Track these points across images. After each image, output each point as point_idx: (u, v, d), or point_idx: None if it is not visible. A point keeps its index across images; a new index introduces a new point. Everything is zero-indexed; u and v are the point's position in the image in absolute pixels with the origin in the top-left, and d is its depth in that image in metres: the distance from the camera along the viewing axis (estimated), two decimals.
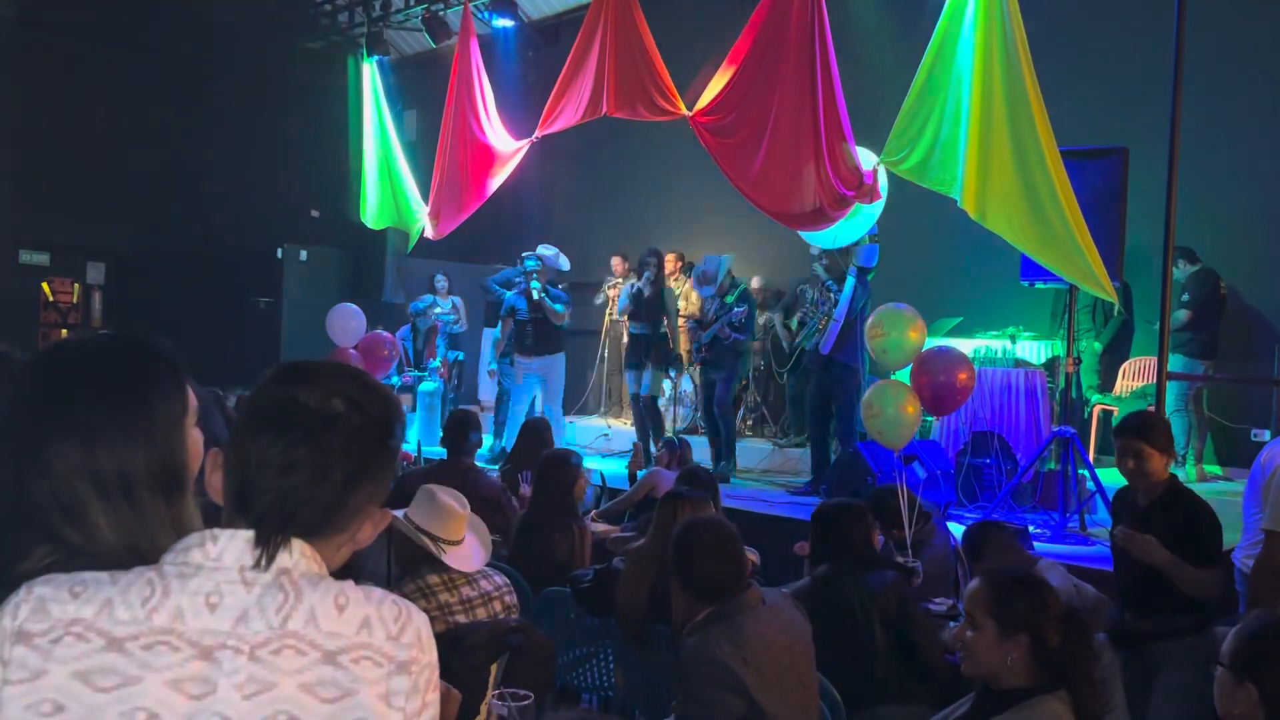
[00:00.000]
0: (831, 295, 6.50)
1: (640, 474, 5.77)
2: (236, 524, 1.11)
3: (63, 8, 11.07)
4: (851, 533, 3.44)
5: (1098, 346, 7.39)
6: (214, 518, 1.16)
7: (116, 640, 1.04)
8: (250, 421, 1.14)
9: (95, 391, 1.28)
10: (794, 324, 7.52)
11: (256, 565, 1.09)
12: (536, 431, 5.68)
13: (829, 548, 3.44)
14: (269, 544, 1.09)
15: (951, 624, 3.32)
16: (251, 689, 1.05)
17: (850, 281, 6.38)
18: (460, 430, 4.92)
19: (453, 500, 3.08)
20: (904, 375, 5.72)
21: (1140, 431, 3.41)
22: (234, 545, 1.10)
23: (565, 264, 8.73)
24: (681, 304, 8.72)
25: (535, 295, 7.70)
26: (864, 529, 3.49)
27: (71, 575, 1.08)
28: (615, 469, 7.20)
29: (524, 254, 8.07)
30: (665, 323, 7.66)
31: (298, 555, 1.11)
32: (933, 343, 5.81)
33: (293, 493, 1.10)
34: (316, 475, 1.11)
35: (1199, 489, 6.39)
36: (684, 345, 8.18)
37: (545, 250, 8.37)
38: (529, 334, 7.82)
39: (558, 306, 7.77)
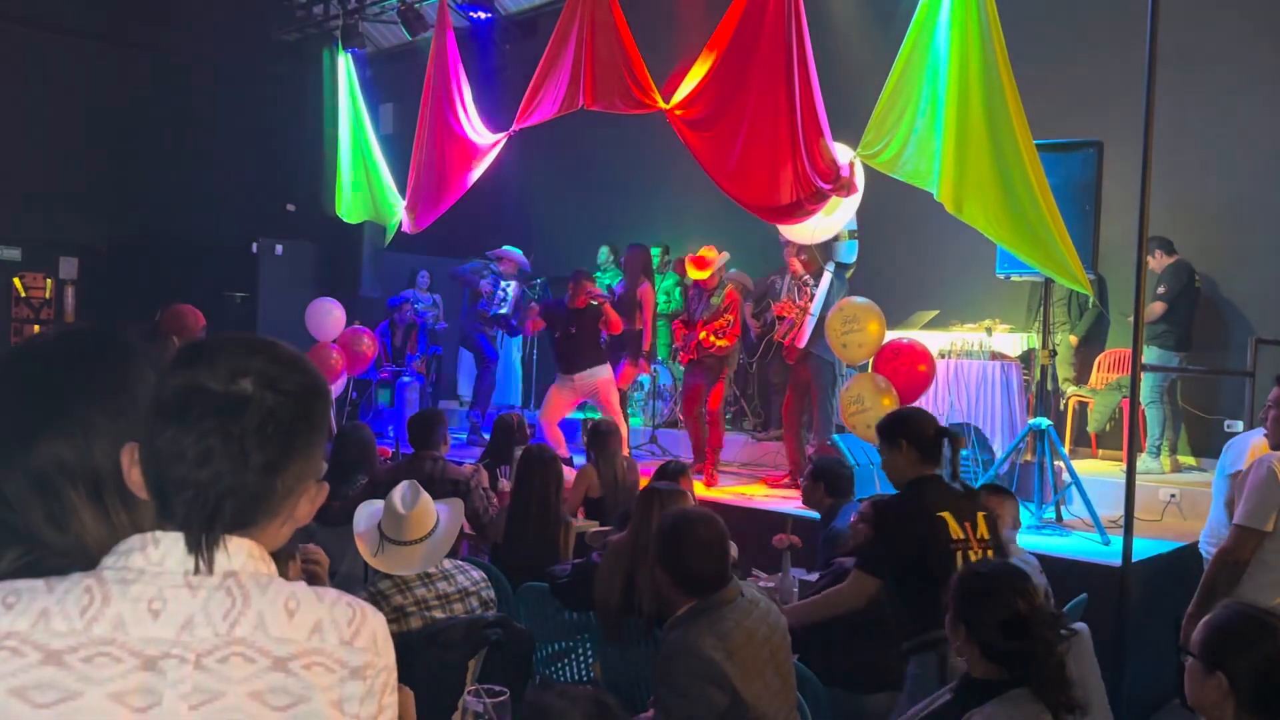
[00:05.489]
0: (809, 290, 6.49)
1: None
2: (165, 525, 1.05)
3: None
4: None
5: (1073, 339, 7.45)
6: None
7: (54, 653, 0.98)
8: (158, 413, 1.05)
9: (88, 388, 1.23)
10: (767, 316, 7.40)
11: (198, 570, 1.03)
12: (510, 427, 5.68)
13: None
14: (201, 546, 1.03)
15: None
16: (198, 699, 1.00)
17: (828, 277, 6.37)
18: (427, 427, 4.90)
19: (399, 503, 3.07)
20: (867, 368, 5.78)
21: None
22: (177, 548, 1.04)
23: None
24: (663, 298, 8.69)
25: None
26: None
27: (4, 585, 1.03)
28: None
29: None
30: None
31: (244, 556, 1.06)
32: (894, 336, 5.84)
33: (212, 485, 1.03)
34: (235, 464, 1.03)
35: (1172, 479, 6.52)
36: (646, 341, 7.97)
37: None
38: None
39: None
